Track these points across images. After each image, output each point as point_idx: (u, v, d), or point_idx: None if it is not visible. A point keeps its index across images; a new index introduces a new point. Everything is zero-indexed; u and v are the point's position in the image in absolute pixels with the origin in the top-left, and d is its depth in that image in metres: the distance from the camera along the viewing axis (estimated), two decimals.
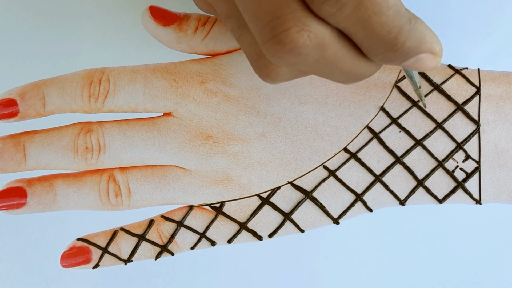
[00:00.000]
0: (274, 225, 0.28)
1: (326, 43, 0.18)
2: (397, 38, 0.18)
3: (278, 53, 0.18)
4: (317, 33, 0.18)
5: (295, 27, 0.18)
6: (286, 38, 0.18)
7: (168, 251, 0.28)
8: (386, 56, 0.19)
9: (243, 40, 0.21)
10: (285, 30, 0.18)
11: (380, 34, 0.18)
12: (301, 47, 0.18)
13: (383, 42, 0.19)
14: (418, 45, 0.19)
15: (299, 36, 0.18)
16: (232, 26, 0.21)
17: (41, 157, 0.27)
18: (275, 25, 0.18)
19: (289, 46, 0.18)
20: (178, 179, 0.27)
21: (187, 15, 0.27)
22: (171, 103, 0.27)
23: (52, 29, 0.36)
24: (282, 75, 0.21)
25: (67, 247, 0.28)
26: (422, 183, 0.27)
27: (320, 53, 0.19)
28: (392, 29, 0.18)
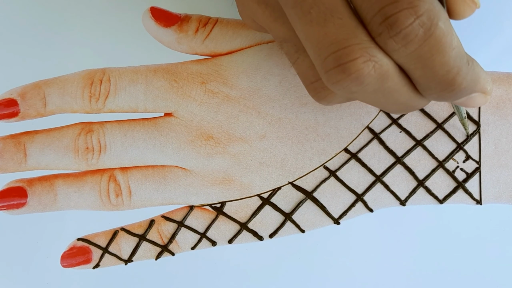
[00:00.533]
0: (274, 226, 0.28)
1: (388, 75, 0.19)
2: (455, 79, 0.19)
3: (341, 81, 0.18)
4: (382, 64, 0.18)
5: (362, 58, 0.18)
6: (352, 68, 0.18)
7: (168, 251, 0.28)
8: (440, 95, 0.20)
9: (300, 64, 0.21)
10: (352, 60, 0.18)
11: (439, 74, 0.19)
12: (365, 76, 0.18)
13: (441, 81, 0.19)
14: (473, 86, 0.20)
15: (365, 66, 0.18)
16: (288, 50, 0.21)
17: (42, 157, 0.27)
18: (341, 55, 0.18)
19: (354, 75, 0.18)
20: (179, 179, 0.27)
21: (188, 16, 0.27)
22: (172, 103, 0.27)
23: (52, 29, 0.36)
24: (337, 98, 0.21)
25: (68, 247, 0.28)
26: (423, 183, 0.27)
27: (381, 84, 0.19)
28: (452, 69, 0.19)
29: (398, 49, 0.18)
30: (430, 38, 0.18)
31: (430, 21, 0.17)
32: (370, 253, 0.34)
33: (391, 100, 0.20)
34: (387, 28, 0.18)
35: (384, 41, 0.18)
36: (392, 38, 0.18)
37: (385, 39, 0.18)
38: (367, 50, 0.18)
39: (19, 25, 0.36)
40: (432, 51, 0.18)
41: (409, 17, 0.17)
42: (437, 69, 0.19)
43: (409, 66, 0.19)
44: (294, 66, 0.21)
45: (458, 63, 0.19)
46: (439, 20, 0.18)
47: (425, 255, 0.33)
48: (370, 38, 0.18)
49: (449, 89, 0.19)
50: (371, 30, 0.18)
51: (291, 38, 0.21)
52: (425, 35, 0.18)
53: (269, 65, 0.27)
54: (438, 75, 0.19)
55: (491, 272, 0.33)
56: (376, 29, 0.18)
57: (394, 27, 0.18)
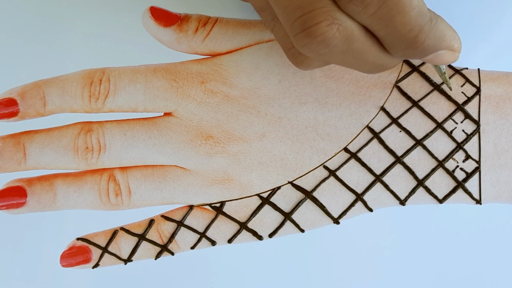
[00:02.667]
0: (274, 225, 0.28)
1: (353, 36, 0.19)
2: (418, 36, 0.20)
3: (308, 44, 0.19)
4: (346, 26, 0.19)
5: (325, 21, 0.19)
6: (317, 31, 0.19)
7: (168, 251, 0.28)
8: (406, 53, 0.20)
9: (276, 31, 0.22)
10: (317, 23, 0.19)
11: (401, 33, 0.19)
12: (330, 39, 0.19)
13: (404, 40, 0.20)
14: (437, 43, 0.20)
15: (329, 29, 0.19)
16: (266, 18, 0.22)
17: (41, 157, 0.27)
18: (306, 19, 0.19)
19: (319, 38, 0.19)
20: (178, 179, 0.27)
21: (187, 15, 0.27)
22: (171, 103, 0.27)
23: (52, 29, 0.36)
24: (314, 62, 0.22)
25: (67, 247, 0.28)
26: (422, 183, 0.27)
27: (347, 45, 0.20)
28: (414, 28, 0.19)
29: (359, 12, 0.19)
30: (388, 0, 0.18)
31: None
32: (370, 253, 0.34)
33: (361, 60, 0.21)
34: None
35: (345, 5, 0.19)
36: (351, 1, 0.19)
37: (345, 3, 0.19)
38: (330, 13, 0.19)
39: (19, 25, 0.36)
40: (392, 12, 0.19)
41: None
42: (398, 28, 0.19)
43: (372, 27, 0.20)
44: (273, 33, 0.22)
45: (419, 22, 0.19)
46: None
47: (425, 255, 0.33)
48: (333, 2, 0.19)
49: (413, 47, 0.20)
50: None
51: (267, 7, 0.22)
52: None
53: (268, 65, 0.27)
54: (401, 34, 0.19)
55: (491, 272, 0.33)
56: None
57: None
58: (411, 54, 0.21)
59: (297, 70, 0.27)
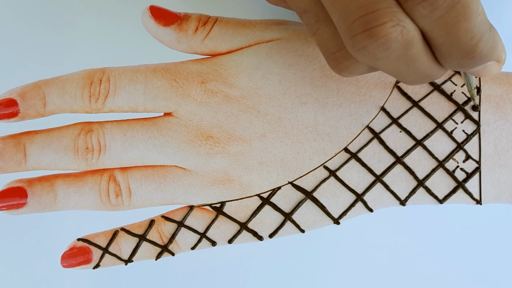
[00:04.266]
0: (274, 225, 0.28)
1: (414, 41, 0.19)
2: (477, 45, 0.19)
3: (368, 46, 0.18)
4: (409, 29, 0.18)
5: (391, 22, 0.18)
6: (380, 32, 0.18)
7: (168, 251, 0.28)
8: (460, 62, 0.20)
9: (320, 34, 0.21)
10: (381, 24, 0.18)
11: (462, 40, 0.19)
12: (392, 41, 0.18)
13: (463, 48, 0.19)
14: (491, 53, 0.20)
15: (393, 30, 0.18)
16: (309, 20, 0.21)
17: (42, 157, 0.27)
18: (369, 19, 0.18)
19: (382, 39, 0.18)
20: (179, 179, 0.27)
21: (187, 15, 0.27)
22: (171, 103, 0.27)
23: (52, 29, 0.36)
24: (358, 69, 0.21)
25: (68, 247, 0.28)
26: (423, 183, 0.27)
27: (405, 51, 0.19)
28: (475, 36, 0.19)
29: (425, 15, 0.18)
30: (457, 4, 0.18)
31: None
32: (370, 253, 0.34)
33: (412, 68, 0.20)
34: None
35: (411, 7, 0.18)
36: (420, 4, 0.18)
37: (412, 5, 0.18)
38: (396, 15, 0.18)
39: (19, 25, 0.36)
40: (458, 17, 0.18)
41: None
42: (461, 35, 0.18)
43: (433, 33, 0.19)
44: (314, 37, 0.21)
45: (481, 30, 0.18)
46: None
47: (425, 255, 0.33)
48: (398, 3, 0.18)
49: (470, 56, 0.19)
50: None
51: (312, 8, 0.20)
52: (453, 1, 0.17)
53: (268, 64, 0.27)
54: (461, 41, 0.19)
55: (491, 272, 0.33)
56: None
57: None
58: (465, 64, 0.20)
59: (297, 70, 0.27)
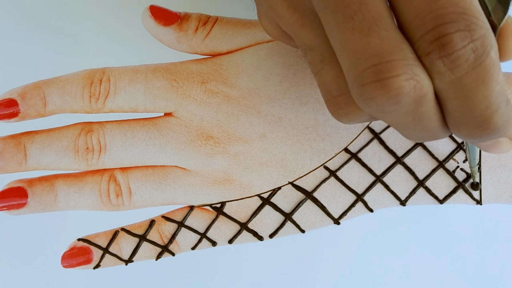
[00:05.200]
0: (274, 226, 0.28)
1: (426, 99, 0.17)
2: (492, 116, 0.17)
3: (376, 98, 0.17)
4: (424, 85, 0.17)
5: (405, 75, 0.16)
6: (392, 84, 0.16)
7: (169, 252, 0.28)
8: (471, 132, 0.18)
9: (323, 75, 0.19)
10: (394, 76, 0.16)
11: (477, 108, 0.17)
12: (404, 96, 0.17)
13: (477, 117, 0.17)
14: (505, 129, 0.18)
15: (406, 84, 0.16)
16: (313, 58, 0.19)
17: (42, 157, 0.27)
18: (383, 69, 0.16)
19: (393, 92, 0.16)
20: (179, 179, 0.27)
21: (187, 14, 0.27)
22: (171, 103, 0.27)
23: (52, 29, 0.36)
24: (359, 117, 0.19)
25: (68, 247, 0.28)
26: (423, 183, 0.27)
27: (416, 107, 0.17)
28: (491, 105, 0.17)
29: (444, 72, 0.16)
30: (479, 67, 0.16)
31: (483, 48, 0.16)
32: (370, 253, 0.34)
33: (419, 126, 0.18)
34: (439, 47, 0.16)
35: (431, 61, 0.17)
36: (441, 58, 0.16)
37: (433, 59, 0.16)
38: (411, 68, 0.16)
39: (19, 25, 0.36)
40: (477, 81, 0.16)
41: (464, 39, 0.16)
42: (477, 102, 0.17)
43: (448, 93, 0.17)
44: (317, 77, 0.20)
45: (498, 100, 0.17)
46: (491, 49, 0.16)
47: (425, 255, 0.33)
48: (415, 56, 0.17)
49: (483, 127, 0.17)
50: (418, 48, 0.17)
51: (318, 47, 0.19)
52: (475, 62, 0.16)
53: (269, 65, 0.27)
54: (477, 109, 0.17)
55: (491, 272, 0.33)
56: (426, 47, 0.16)
57: (446, 48, 0.16)
58: (476, 136, 0.18)
59: (298, 70, 0.27)
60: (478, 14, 0.16)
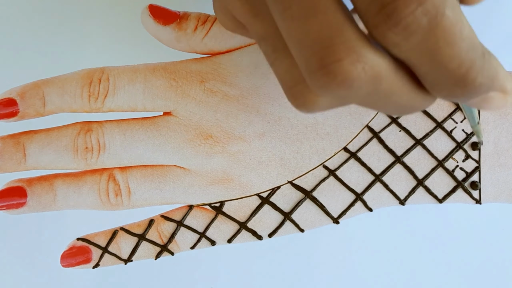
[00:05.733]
0: (274, 225, 0.28)
1: (382, 76, 0.16)
2: (468, 73, 0.16)
3: (326, 85, 0.16)
4: (373, 65, 0.16)
5: (348, 58, 0.16)
6: (337, 70, 0.16)
7: (168, 251, 0.28)
8: (451, 92, 0.17)
9: (278, 65, 0.19)
10: (337, 60, 0.16)
11: (449, 68, 0.16)
12: (354, 79, 0.16)
13: (452, 76, 0.16)
14: (490, 82, 0.17)
15: (352, 68, 0.16)
16: (266, 48, 0.19)
17: (41, 157, 0.27)
18: (325, 55, 0.16)
19: (340, 78, 0.16)
20: (178, 178, 0.27)
21: (186, 13, 0.27)
22: (170, 102, 0.27)
23: (51, 29, 0.36)
24: (321, 104, 0.18)
25: (67, 247, 0.28)
26: (422, 182, 0.27)
27: (374, 86, 0.16)
28: (464, 62, 0.16)
29: (399, 42, 0.16)
30: (436, 29, 0.15)
31: (435, 8, 0.15)
32: (370, 252, 0.34)
33: (389, 102, 0.18)
34: (385, 18, 0.15)
35: (382, 34, 0.16)
36: (391, 29, 0.15)
37: (383, 31, 0.16)
38: (354, 50, 0.16)
39: (19, 25, 0.36)
40: (439, 43, 0.15)
41: (411, 4, 0.15)
42: (446, 63, 0.16)
43: (413, 61, 0.16)
44: (272, 67, 0.19)
45: (471, 56, 0.16)
46: (445, 7, 0.15)
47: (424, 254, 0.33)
48: (360, 34, 0.16)
49: (461, 85, 0.17)
50: (367, 22, 0.16)
51: (270, 36, 0.18)
52: (430, 25, 0.15)
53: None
54: (448, 69, 0.16)
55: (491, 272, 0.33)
56: (372, 20, 0.16)
57: (392, 17, 0.15)
58: (457, 94, 0.17)
59: None
60: None
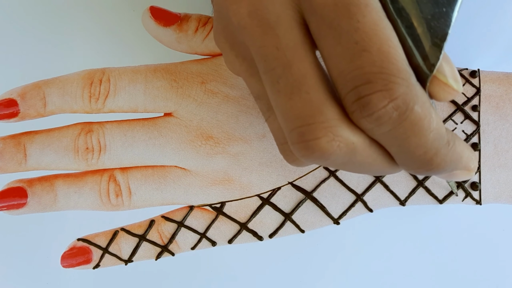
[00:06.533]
0: (274, 226, 0.28)
1: (356, 151, 0.18)
2: (432, 159, 0.18)
3: (306, 155, 0.18)
4: (348, 142, 0.18)
5: (325, 137, 0.17)
6: (315, 146, 0.18)
7: (168, 251, 0.28)
8: (417, 171, 0.19)
9: (271, 122, 0.21)
10: (315, 138, 0.18)
11: (415, 154, 0.18)
12: (330, 154, 0.18)
13: (417, 161, 0.18)
14: (453, 165, 0.19)
15: (328, 146, 0.18)
16: (261, 106, 0.21)
17: (42, 157, 0.27)
18: (304, 131, 0.18)
19: (317, 153, 0.18)
20: (179, 179, 0.27)
21: (187, 15, 0.27)
22: (171, 103, 0.27)
23: (52, 29, 0.36)
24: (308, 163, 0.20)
25: (68, 247, 0.28)
26: (422, 183, 0.27)
27: (350, 158, 0.18)
28: (429, 151, 0.18)
29: (372, 129, 0.18)
30: (404, 122, 0.17)
31: (405, 105, 0.17)
32: (370, 253, 0.34)
33: (363, 169, 0.19)
34: (360, 108, 0.17)
35: (357, 120, 0.18)
36: (364, 118, 0.17)
37: (357, 118, 0.17)
38: (331, 130, 0.17)
39: (19, 25, 0.36)
40: (407, 133, 0.17)
41: (382, 100, 0.17)
42: (412, 150, 0.18)
43: (384, 143, 0.18)
44: (267, 123, 0.21)
45: (436, 145, 0.18)
46: (415, 104, 0.17)
47: (425, 255, 0.33)
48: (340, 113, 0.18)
49: (426, 168, 0.19)
50: (345, 105, 0.18)
51: (264, 96, 0.20)
52: (400, 119, 0.17)
53: None
54: (414, 155, 0.18)
55: (490, 272, 0.33)
56: (350, 106, 0.17)
57: (366, 108, 0.17)
58: (424, 173, 0.19)
59: None
60: (397, 71, 0.17)
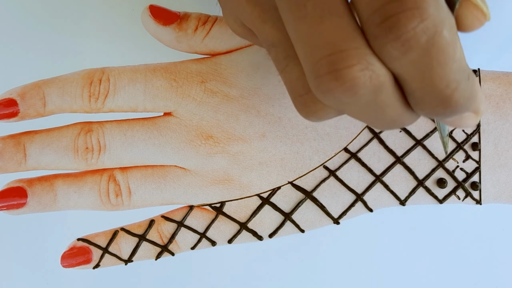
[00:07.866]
0: (274, 225, 0.28)
1: (384, 87, 0.17)
2: (453, 94, 0.17)
3: (333, 90, 0.16)
4: (379, 74, 0.16)
5: (359, 65, 0.16)
6: (347, 75, 0.16)
7: (168, 251, 0.28)
8: (433, 111, 0.17)
9: (288, 72, 0.18)
10: (348, 66, 0.16)
11: (437, 87, 0.16)
12: (360, 87, 0.16)
13: (437, 95, 0.17)
14: (468, 104, 0.18)
15: (361, 75, 0.16)
16: (276, 55, 0.19)
17: (42, 157, 0.27)
18: (336, 59, 0.16)
19: (348, 84, 0.16)
20: (179, 179, 0.27)
21: (187, 14, 0.27)
22: (171, 103, 0.27)
23: (52, 29, 0.36)
24: (328, 113, 0.19)
25: (68, 247, 0.28)
26: (423, 183, 0.27)
27: (374, 96, 0.17)
28: (451, 83, 0.16)
29: (396, 57, 0.16)
30: (432, 47, 0.15)
31: (434, 27, 0.15)
32: (370, 252, 0.34)
33: (381, 115, 0.18)
34: (386, 30, 0.15)
35: (381, 46, 0.16)
36: (390, 43, 0.15)
37: (382, 43, 0.15)
38: (365, 57, 0.16)
39: (19, 25, 0.36)
40: (433, 62, 0.16)
41: (413, 19, 0.15)
42: (435, 82, 0.16)
43: (405, 76, 0.17)
44: (282, 74, 0.19)
45: (458, 77, 0.16)
46: (444, 28, 0.15)
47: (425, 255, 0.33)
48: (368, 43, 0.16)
49: (445, 105, 0.17)
50: (367, 31, 0.16)
51: (281, 42, 0.18)
52: (428, 43, 0.15)
53: (268, 64, 0.27)
54: (436, 88, 0.16)
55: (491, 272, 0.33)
56: (373, 30, 0.16)
57: (394, 30, 0.15)
58: (439, 113, 0.17)
59: None
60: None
